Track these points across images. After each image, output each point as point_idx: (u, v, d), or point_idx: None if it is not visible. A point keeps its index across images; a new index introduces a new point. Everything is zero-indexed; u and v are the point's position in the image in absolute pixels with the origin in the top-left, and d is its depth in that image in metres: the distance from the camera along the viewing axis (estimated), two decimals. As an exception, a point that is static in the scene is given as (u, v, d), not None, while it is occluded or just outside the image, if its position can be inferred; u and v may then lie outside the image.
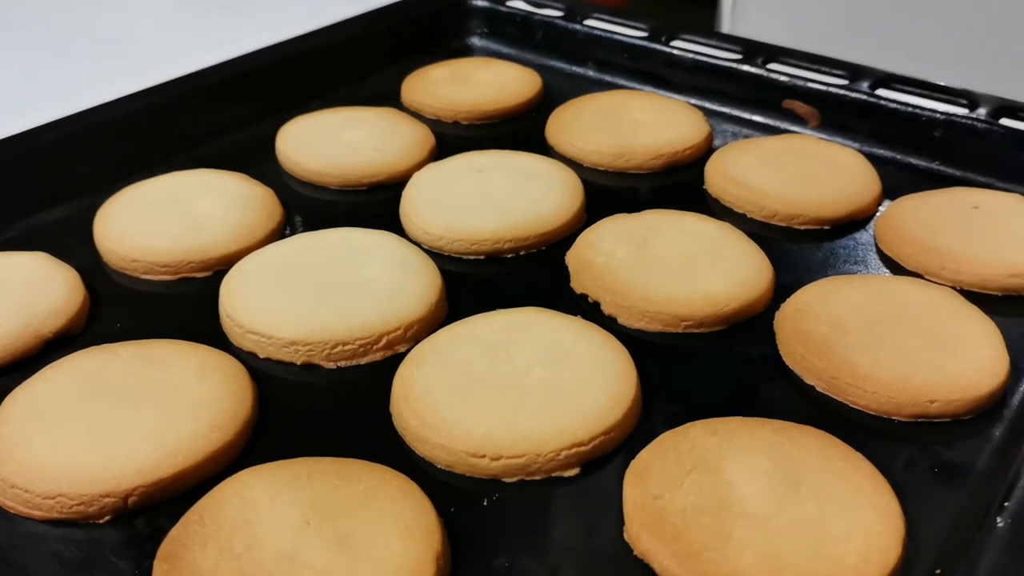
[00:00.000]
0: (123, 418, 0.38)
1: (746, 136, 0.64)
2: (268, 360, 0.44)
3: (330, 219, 0.53)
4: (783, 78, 0.64)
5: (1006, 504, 0.34)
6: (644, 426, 0.40)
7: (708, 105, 0.67)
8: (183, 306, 0.48)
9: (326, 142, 0.60)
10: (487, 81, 0.70)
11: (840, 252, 0.52)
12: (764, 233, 0.53)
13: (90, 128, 0.58)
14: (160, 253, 0.49)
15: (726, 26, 1.52)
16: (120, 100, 0.60)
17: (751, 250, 0.49)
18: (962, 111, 0.59)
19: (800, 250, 0.52)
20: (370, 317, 0.44)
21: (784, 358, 0.44)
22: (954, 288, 0.48)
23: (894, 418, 0.40)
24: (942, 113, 0.59)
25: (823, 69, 0.64)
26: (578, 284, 0.48)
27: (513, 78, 0.70)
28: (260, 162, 0.60)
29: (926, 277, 0.49)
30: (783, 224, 0.54)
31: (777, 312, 0.46)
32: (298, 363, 0.43)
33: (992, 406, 0.40)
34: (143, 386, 0.40)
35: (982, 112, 0.58)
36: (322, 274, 0.47)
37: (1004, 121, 0.57)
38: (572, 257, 0.50)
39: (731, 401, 0.42)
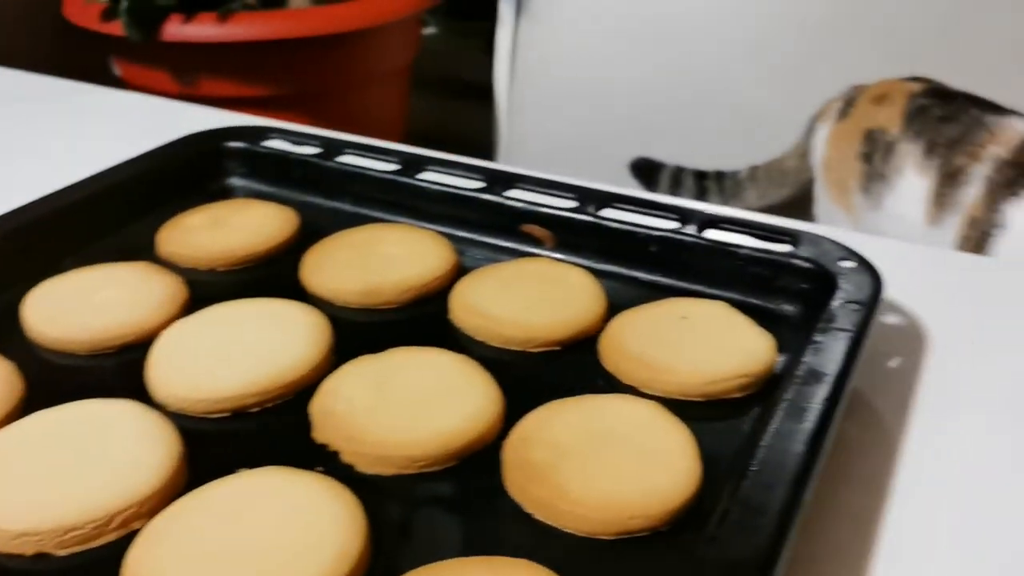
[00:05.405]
0: None
1: (493, 260, 0.68)
2: (-3, 556, 0.43)
3: (78, 390, 0.53)
4: (519, 204, 0.69)
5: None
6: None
7: (458, 232, 0.71)
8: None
9: (73, 305, 0.60)
10: (242, 224, 0.71)
11: (569, 373, 0.56)
12: (504, 358, 0.57)
13: None
14: None
15: (503, 124, 1.60)
16: None
17: (482, 380, 0.53)
18: (674, 224, 0.65)
19: (534, 374, 0.56)
20: (100, 496, 0.44)
21: (508, 488, 0.47)
22: (664, 398, 0.52)
23: (602, 538, 0.44)
24: (656, 229, 0.65)
25: (555, 193, 0.69)
26: (319, 434, 0.50)
27: (269, 219, 0.72)
28: (1, 335, 0.59)
29: (640, 390, 0.53)
30: (519, 348, 0.58)
31: (504, 440, 0.49)
32: (28, 554, 0.43)
33: (687, 514, 0.45)
34: None
35: (691, 228, 0.64)
36: (55, 456, 0.47)
37: (708, 233, 0.64)
38: (315, 407, 0.52)
39: (460, 539, 0.44)
